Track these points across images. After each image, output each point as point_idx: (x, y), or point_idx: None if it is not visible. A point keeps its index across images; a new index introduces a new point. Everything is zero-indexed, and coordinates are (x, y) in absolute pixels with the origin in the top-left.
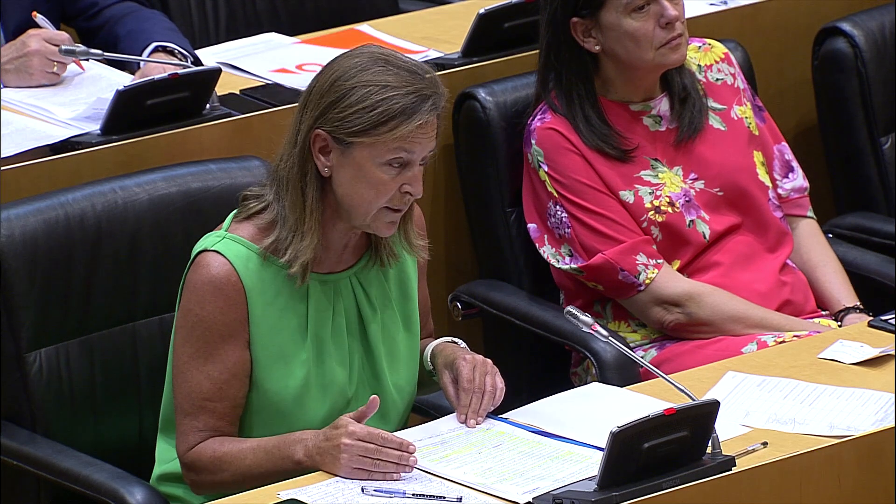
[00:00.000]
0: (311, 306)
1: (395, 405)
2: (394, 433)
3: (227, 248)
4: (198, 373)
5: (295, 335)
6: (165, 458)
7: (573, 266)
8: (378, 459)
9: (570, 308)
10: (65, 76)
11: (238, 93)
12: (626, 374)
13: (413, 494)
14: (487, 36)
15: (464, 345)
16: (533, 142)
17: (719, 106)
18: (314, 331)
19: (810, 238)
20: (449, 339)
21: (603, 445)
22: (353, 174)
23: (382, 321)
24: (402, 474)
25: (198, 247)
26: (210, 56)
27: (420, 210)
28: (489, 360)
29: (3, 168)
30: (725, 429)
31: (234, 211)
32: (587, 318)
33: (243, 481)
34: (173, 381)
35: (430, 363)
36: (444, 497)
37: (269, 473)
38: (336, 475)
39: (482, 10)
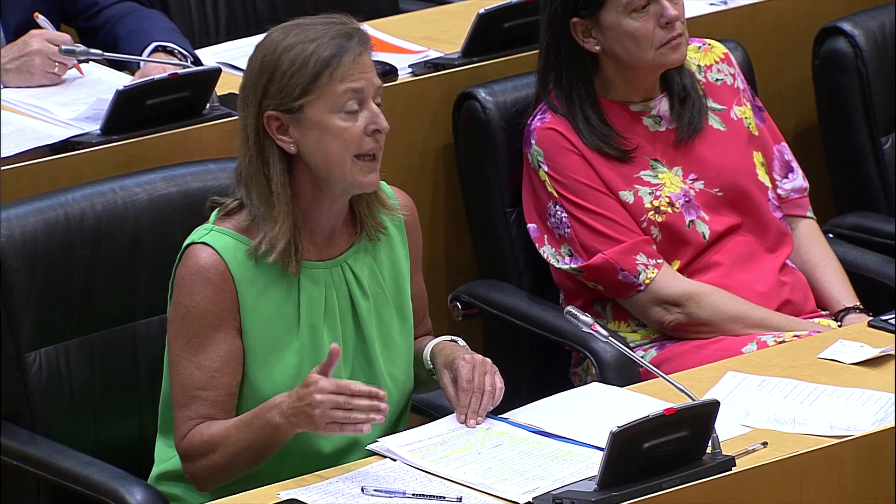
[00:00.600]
0: (303, 294)
1: (390, 393)
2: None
3: (214, 239)
4: (190, 364)
5: (287, 324)
6: (164, 456)
7: (573, 266)
8: (349, 412)
9: (570, 308)
10: (65, 77)
11: (238, 93)
12: (626, 374)
13: (413, 494)
14: (487, 36)
15: (463, 343)
16: (533, 142)
17: (719, 106)
18: (307, 319)
19: (810, 238)
20: (448, 337)
21: (603, 445)
22: (316, 136)
23: (376, 309)
24: (402, 474)
25: (187, 241)
26: (210, 56)
27: (412, 202)
28: (488, 360)
29: (3, 168)
30: (725, 429)
31: (218, 208)
32: (587, 318)
33: (233, 459)
34: (169, 375)
35: (429, 362)
36: (444, 497)
37: (254, 445)
38: (313, 430)
39: (482, 10)
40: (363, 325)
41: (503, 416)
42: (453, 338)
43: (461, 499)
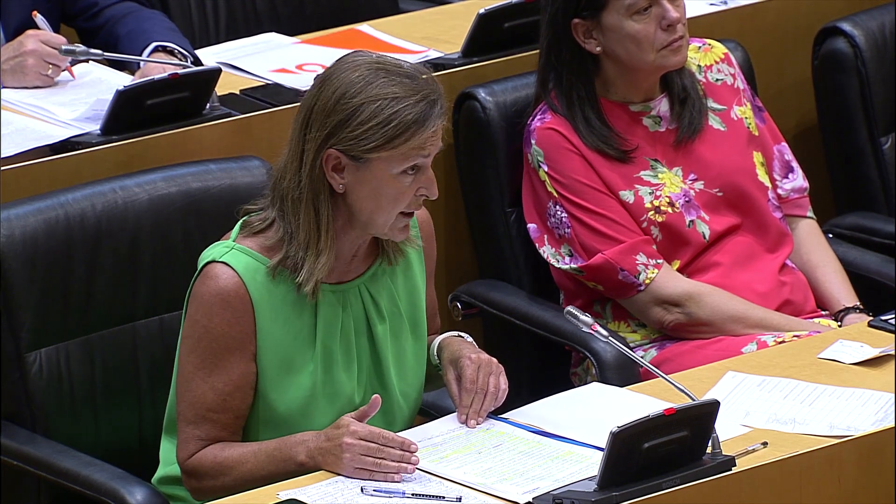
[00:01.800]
0: (320, 316)
1: (402, 411)
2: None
3: (235, 259)
4: (202, 383)
5: (303, 345)
6: (170, 459)
7: (573, 266)
8: (380, 459)
9: (570, 308)
10: (61, 79)
11: (238, 93)
12: (626, 374)
13: (413, 494)
14: (487, 36)
15: (471, 340)
16: (533, 142)
17: (719, 106)
18: (322, 340)
19: (810, 238)
20: (456, 333)
21: (603, 445)
22: (371, 188)
23: (391, 329)
24: (403, 475)
25: (206, 256)
26: (210, 56)
27: (429, 216)
28: (494, 360)
29: (3, 168)
30: (725, 429)
31: (242, 220)
32: (587, 318)
33: (245, 485)
34: (177, 389)
35: (436, 357)
36: (444, 497)
37: (270, 476)
38: (338, 475)
39: (482, 10)
40: (379, 347)
41: (503, 416)
42: (461, 334)
43: (461, 499)
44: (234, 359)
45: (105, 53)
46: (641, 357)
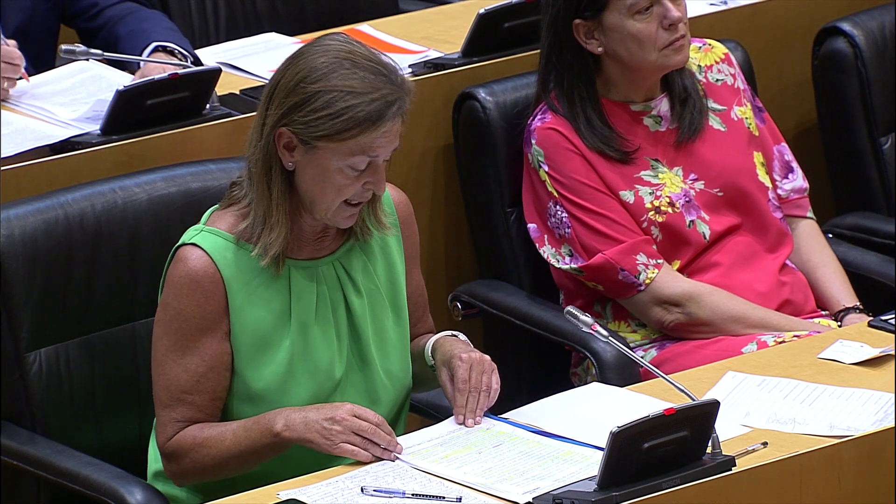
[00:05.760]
0: (294, 292)
1: (386, 390)
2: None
3: (204, 240)
4: (175, 365)
5: (277, 321)
6: (158, 457)
7: (573, 266)
8: (369, 441)
9: (570, 308)
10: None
11: (238, 93)
12: (626, 374)
13: (413, 494)
14: (487, 36)
15: (464, 338)
16: (533, 142)
17: (719, 107)
18: (297, 316)
19: (810, 239)
20: (449, 333)
21: (603, 445)
22: (316, 173)
23: (370, 306)
24: (402, 474)
25: (178, 243)
26: (210, 56)
27: (407, 198)
28: (487, 358)
29: (3, 168)
30: (725, 429)
31: (212, 207)
32: (587, 318)
33: (224, 463)
34: (152, 373)
35: (430, 358)
36: (444, 497)
37: (248, 451)
38: (318, 445)
39: (482, 10)
40: (357, 323)
41: (503, 416)
42: (454, 333)
43: (461, 499)
44: (206, 339)
45: (105, 53)
46: (641, 357)
